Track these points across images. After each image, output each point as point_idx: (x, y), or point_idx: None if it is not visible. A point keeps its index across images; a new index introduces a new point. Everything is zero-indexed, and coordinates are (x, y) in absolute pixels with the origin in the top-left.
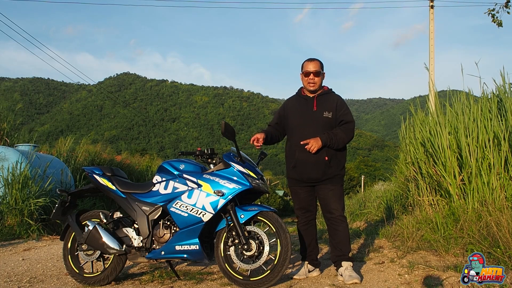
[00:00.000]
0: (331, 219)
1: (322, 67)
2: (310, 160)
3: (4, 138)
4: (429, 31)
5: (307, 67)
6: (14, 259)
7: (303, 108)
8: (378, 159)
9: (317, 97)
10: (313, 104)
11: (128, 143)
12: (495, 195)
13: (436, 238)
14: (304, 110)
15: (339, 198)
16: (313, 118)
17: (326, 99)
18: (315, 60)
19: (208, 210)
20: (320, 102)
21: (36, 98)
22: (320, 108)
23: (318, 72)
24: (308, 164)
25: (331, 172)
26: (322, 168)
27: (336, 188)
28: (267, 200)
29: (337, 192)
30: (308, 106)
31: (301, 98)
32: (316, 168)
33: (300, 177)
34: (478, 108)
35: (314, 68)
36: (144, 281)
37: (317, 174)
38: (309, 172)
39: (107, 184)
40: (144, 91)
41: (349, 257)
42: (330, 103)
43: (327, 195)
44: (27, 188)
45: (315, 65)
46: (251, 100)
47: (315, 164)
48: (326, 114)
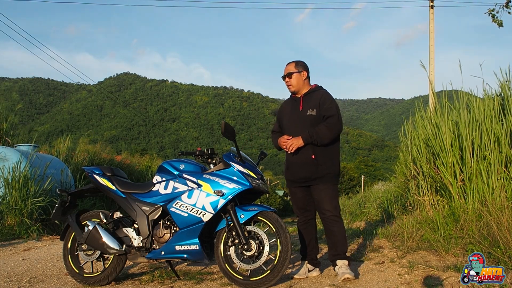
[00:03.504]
0: (324, 219)
1: (298, 66)
2: (299, 161)
3: (4, 138)
4: (429, 31)
5: (284, 71)
6: (14, 259)
7: (292, 109)
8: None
9: (303, 96)
10: (299, 104)
11: (128, 143)
12: (496, 195)
13: (436, 238)
14: (293, 111)
15: (330, 198)
16: (299, 117)
17: (311, 97)
18: (290, 63)
19: (208, 210)
20: (306, 101)
21: (36, 98)
22: (305, 107)
23: (289, 74)
24: (297, 164)
25: (321, 171)
26: (309, 167)
27: (327, 187)
28: (267, 200)
29: (328, 192)
30: (296, 106)
31: (292, 99)
32: (304, 167)
33: (293, 177)
34: (479, 108)
35: (286, 71)
36: (144, 281)
37: (307, 173)
38: (299, 172)
39: (107, 184)
40: (144, 91)
41: (344, 256)
42: (314, 100)
43: (319, 196)
44: (27, 188)
45: (288, 68)
46: (251, 100)
47: (303, 164)
48: (310, 112)
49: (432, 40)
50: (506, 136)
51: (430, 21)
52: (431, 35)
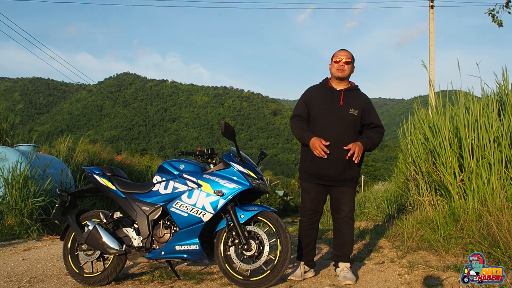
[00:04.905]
0: (338, 219)
1: (353, 59)
2: (331, 157)
3: (4, 138)
4: (429, 31)
5: (338, 55)
6: (14, 259)
7: (328, 100)
8: (378, 159)
9: (344, 91)
10: (339, 98)
11: (128, 143)
12: (496, 195)
13: (436, 238)
14: (330, 103)
15: (351, 200)
16: (339, 112)
17: (353, 95)
18: (347, 51)
19: (208, 210)
20: (347, 97)
21: (36, 98)
22: (346, 104)
23: (348, 62)
24: (327, 160)
25: (349, 173)
26: (341, 166)
27: (350, 190)
28: (267, 200)
29: (350, 194)
30: (333, 99)
31: (327, 89)
32: (335, 165)
33: (317, 172)
34: (479, 108)
35: (345, 56)
36: (144, 281)
37: (335, 173)
38: (327, 168)
39: (107, 184)
40: (144, 91)
41: (348, 258)
42: (358, 100)
43: (340, 196)
44: (27, 188)
45: (347, 54)
46: (251, 100)
47: (334, 162)
48: (352, 111)
49: (432, 40)
50: (506, 136)
51: (430, 21)
52: (431, 35)
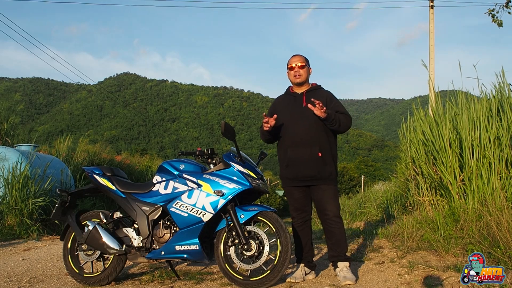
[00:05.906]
0: (326, 220)
1: (307, 62)
2: (304, 158)
3: (4, 138)
4: (429, 31)
5: (291, 62)
6: (14, 259)
7: (292, 105)
8: (378, 159)
9: (305, 93)
10: (301, 100)
11: (128, 143)
12: (496, 195)
13: (436, 238)
14: (294, 107)
15: (333, 198)
16: (303, 113)
17: (314, 94)
18: (299, 55)
19: (208, 210)
20: (309, 97)
21: (36, 98)
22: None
23: (303, 65)
24: (301, 161)
25: (326, 170)
26: (316, 165)
27: (330, 188)
28: (267, 200)
29: (331, 193)
30: (297, 102)
31: (290, 95)
32: (310, 165)
33: (295, 175)
34: (479, 108)
35: (298, 60)
36: (144, 281)
37: (312, 172)
38: (303, 169)
39: (107, 184)
40: (144, 91)
41: (345, 257)
42: (320, 97)
43: (321, 197)
44: (27, 188)
45: (299, 59)
46: (251, 100)
47: (309, 161)
48: None
49: (432, 40)
50: (506, 137)
51: (430, 21)
52: (431, 35)
